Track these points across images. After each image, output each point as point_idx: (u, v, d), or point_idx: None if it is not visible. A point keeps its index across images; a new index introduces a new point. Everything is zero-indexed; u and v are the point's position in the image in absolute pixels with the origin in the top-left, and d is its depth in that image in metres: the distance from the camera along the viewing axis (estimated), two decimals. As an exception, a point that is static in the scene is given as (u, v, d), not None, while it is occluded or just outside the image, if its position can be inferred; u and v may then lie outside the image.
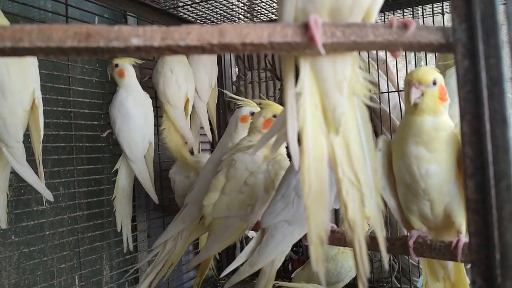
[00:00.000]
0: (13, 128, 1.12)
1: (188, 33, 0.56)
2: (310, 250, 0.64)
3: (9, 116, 1.11)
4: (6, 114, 1.11)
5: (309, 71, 0.65)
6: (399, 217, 1.04)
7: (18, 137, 1.14)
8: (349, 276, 1.70)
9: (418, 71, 0.93)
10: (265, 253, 1.08)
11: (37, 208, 1.44)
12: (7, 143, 1.12)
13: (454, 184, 0.93)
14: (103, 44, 0.55)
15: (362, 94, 0.68)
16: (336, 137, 0.66)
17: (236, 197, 1.25)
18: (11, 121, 1.12)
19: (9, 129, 1.11)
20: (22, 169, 1.16)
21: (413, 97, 0.91)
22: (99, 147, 1.63)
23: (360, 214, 0.65)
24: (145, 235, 1.87)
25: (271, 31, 0.58)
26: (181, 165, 1.71)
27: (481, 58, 0.53)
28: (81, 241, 1.58)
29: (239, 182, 1.25)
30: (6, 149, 1.12)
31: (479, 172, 0.54)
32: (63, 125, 1.53)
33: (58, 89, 1.50)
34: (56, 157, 1.50)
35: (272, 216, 1.09)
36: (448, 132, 0.92)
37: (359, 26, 0.60)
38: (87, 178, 1.60)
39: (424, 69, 0.94)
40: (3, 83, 1.09)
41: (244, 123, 1.48)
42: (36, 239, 1.43)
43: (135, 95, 1.58)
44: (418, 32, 0.59)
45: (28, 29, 0.54)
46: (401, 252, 1.01)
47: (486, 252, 0.53)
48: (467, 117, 0.55)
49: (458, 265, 1.03)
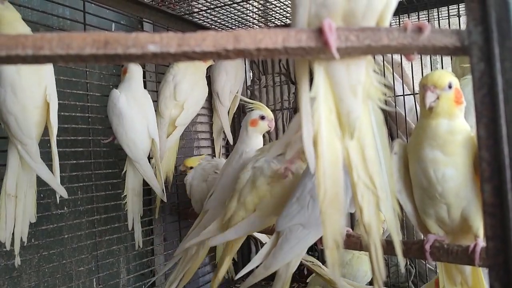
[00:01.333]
0: (25, 125, 1.12)
1: (204, 39, 0.57)
2: (326, 254, 0.64)
3: (21, 113, 1.11)
4: (17, 111, 1.11)
5: (323, 76, 0.65)
6: (415, 221, 1.03)
7: (31, 134, 1.14)
8: (365, 281, 1.69)
9: (433, 74, 0.93)
10: (280, 256, 1.08)
11: (56, 212, 1.47)
12: (20, 140, 1.12)
13: (471, 187, 0.92)
14: (121, 51, 0.56)
15: (376, 97, 0.68)
16: (351, 141, 0.66)
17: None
18: (23, 118, 1.12)
19: (21, 126, 1.12)
20: (37, 166, 1.16)
21: (429, 100, 0.90)
22: (116, 151, 1.65)
23: (375, 218, 0.65)
24: (161, 238, 1.89)
25: (285, 36, 0.58)
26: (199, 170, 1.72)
27: (497, 61, 0.53)
28: (99, 244, 1.61)
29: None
30: (20, 146, 1.13)
31: (496, 175, 0.53)
32: (81, 130, 1.56)
33: (76, 95, 1.53)
34: (75, 161, 1.52)
35: (287, 219, 1.09)
36: (464, 135, 0.91)
37: (373, 30, 0.60)
38: (104, 182, 1.62)
39: (440, 73, 0.94)
40: (13, 80, 1.10)
41: (254, 127, 1.49)
42: (55, 243, 1.46)
43: (128, 93, 1.53)
44: (433, 35, 0.59)
45: (48, 38, 0.56)
46: (418, 256, 1.00)
47: (504, 256, 0.53)
48: (484, 120, 0.54)
49: (476, 270, 1.02)
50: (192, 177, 1.73)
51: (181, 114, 1.74)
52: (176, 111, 1.74)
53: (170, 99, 1.72)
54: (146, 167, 1.55)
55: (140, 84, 1.60)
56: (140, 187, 1.61)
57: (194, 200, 1.72)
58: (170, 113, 1.73)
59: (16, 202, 1.18)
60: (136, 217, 1.59)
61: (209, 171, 1.70)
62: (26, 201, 1.20)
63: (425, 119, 0.93)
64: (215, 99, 2.00)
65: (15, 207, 1.18)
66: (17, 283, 1.34)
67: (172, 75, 1.74)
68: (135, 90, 1.57)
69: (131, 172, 1.58)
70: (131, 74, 1.57)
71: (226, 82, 1.97)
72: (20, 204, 1.19)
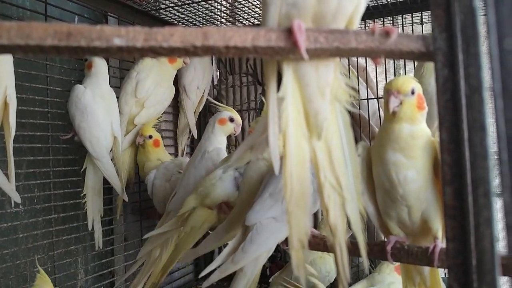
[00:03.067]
0: None
1: (172, 34, 0.55)
2: (291, 254, 0.64)
3: None
4: None
5: (292, 76, 0.65)
6: (377, 222, 1.05)
7: None
8: (327, 281, 1.72)
9: (397, 80, 0.95)
10: (250, 250, 1.07)
11: (10, 210, 1.40)
12: None
13: (431, 190, 0.95)
14: (84, 44, 0.54)
15: (344, 100, 0.69)
16: (318, 142, 0.66)
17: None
18: None
19: None
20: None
21: (392, 105, 0.92)
22: (76, 148, 1.60)
23: (341, 219, 0.66)
24: (122, 238, 1.84)
25: (255, 35, 0.58)
26: (162, 170, 1.69)
27: (460, 67, 0.54)
28: (56, 244, 1.55)
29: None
30: None
31: (457, 178, 0.55)
32: (39, 125, 1.50)
33: (35, 89, 1.47)
34: (32, 158, 1.46)
35: (260, 214, 1.09)
36: (425, 140, 0.94)
37: (342, 32, 0.60)
38: (63, 180, 1.57)
39: (403, 78, 0.96)
40: None
41: (222, 125, 1.52)
42: (9, 242, 1.39)
43: (94, 89, 1.50)
44: (399, 40, 0.60)
45: (6, 26, 0.53)
46: (379, 257, 1.02)
47: (463, 257, 0.54)
48: (446, 125, 0.56)
49: (434, 271, 1.05)
50: (154, 176, 1.69)
51: (140, 113, 1.72)
52: (137, 109, 1.71)
53: (131, 96, 1.69)
54: (108, 165, 1.51)
55: (106, 80, 1.57)
56: (100, 186, 1.57)
57: (156, 200, 1.69)
58: (130, 110, 1.70)
59: None
60: (96, 217, 1.54)
61: (172, 171, 1.67)
62: None
63: (388, 123, 0.95)
64: (181, 94, 1.97)
65: None
66: (-34, 284, 1.27)
67: (136, 72, 1.71)
68: (101, 86, 1.53)
69: (91, 170, 1.54)
70: (97, 69, 1.53)
71: (194, 78, 1.96)
72: None
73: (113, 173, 1.53)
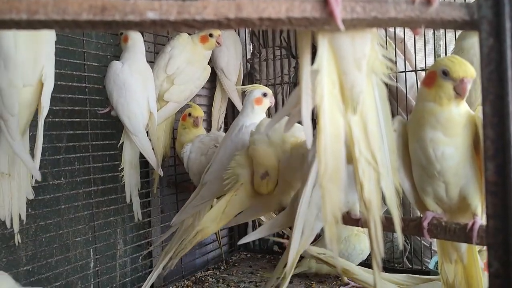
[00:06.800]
0: (9, 101, 1.08)
1: (205, 7, 0.55)
2: (325, 229, 0.63)
3: (8, 88, 1.07)
4: (5, 85, 1.07)
5: (327, 48, 0.63)
6: (413, 198, 1.03)
7: (13, 111, 1.09)
8: (360, 259, 1.71)
9: (469, 68, 0.89)
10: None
11: (53, 182, 1.46)
12: (1, 115, 1.08)
13: (470, 166, 0.92)
14: (118, 18, 0.54)
15: (381, 72, 0.67)
16: (354, 116, 0.65)
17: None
18: (9, 94, 1.08)
19: (5, 101, 1.07)
20: (14, 144, 1.10)
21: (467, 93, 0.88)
22: (114, 122, 1.64)
23: (376, 194, 0.65)
24: (158, 210, 1.89)
25: (289, 6, 0.56)
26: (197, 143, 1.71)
27: (507, 36, 0.51)
28: (96, 215, 1.61)
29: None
30: (2, 122, 1.09)
31: (500, 154, 0.53)
32: (78, 100, 1.54)
33: (73, 64, 1.50)
34: (72, 132, 1.51)
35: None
36: (466, 117, 0.90)
37: (380, 1, 0.58)
38: (101, 153, 1.61)
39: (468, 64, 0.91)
40: (8, 54, 1.05)
41: (259, 105, 1.50)
42: (52, 213, 1.45)
43: (132, 64, 1.51)
44: (441, 8, 0.57)
45: (43, 2, 0.54)
46: (415, 233, 1.00)
47: (503, 235, 0.53)
48: (490, 97, 0.53)
49: (471, 248, 1.02)
50: (190, 150, 1.72)
51: (170, 89, 1.72)
52: (167, 85, 1.72)
53: (163, 70, 1.70)
54: (144, 140, 1.53)
55: (143, 53, 1.58)
56: (137, 160, 1.60)
57: (192, 173, 1.72)
58: (161, 85, 1.70)
59: (10, 181, 1.16)
60: (134, 191, 1.59)
61: (208, 144, 1.69)
62: (21, 178, 1.19)
63: (430, 103, 0.91)
64: (221, 77, 1.99)
65: (9, 186, 1.16)
66: (13, 251, 1.34)
67: (171, 47, 1.71)
68: (138, 60, 1.54)
69: (128, 144, 1.57)
70: (134, 43, 1.54)
71: (229, 58, 1.98)
72: (14, 182, 1.17)
73: (149, 148, 1.55)
